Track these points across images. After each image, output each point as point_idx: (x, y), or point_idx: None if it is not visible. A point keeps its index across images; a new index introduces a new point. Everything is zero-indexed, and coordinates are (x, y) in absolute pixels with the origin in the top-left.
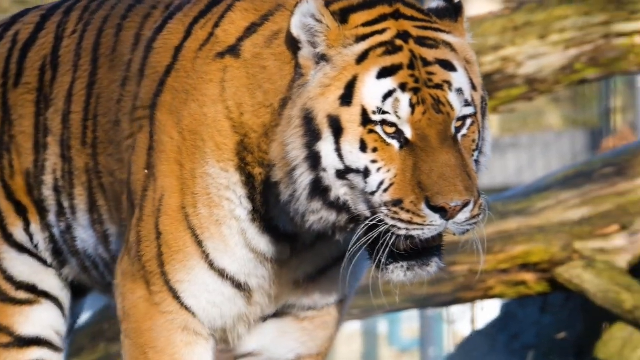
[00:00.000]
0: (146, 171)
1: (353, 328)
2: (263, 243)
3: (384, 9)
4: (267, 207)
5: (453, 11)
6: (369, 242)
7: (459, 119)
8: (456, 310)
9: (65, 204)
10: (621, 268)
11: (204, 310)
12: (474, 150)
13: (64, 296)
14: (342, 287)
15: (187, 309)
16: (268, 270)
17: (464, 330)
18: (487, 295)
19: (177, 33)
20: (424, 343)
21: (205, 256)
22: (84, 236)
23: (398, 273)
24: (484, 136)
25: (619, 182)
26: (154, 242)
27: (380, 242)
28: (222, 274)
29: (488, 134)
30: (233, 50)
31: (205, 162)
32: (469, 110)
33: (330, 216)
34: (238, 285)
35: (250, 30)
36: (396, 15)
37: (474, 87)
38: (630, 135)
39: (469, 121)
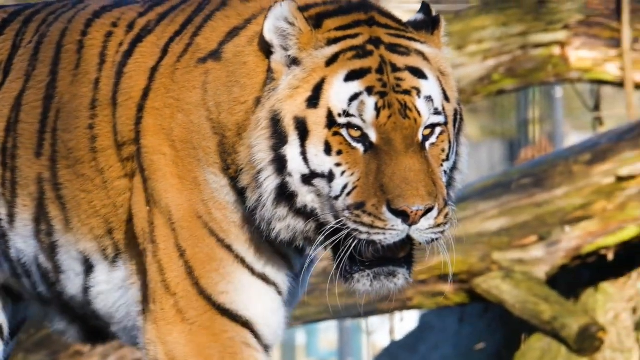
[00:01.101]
0: (148, 208)
1: None
2: (274, 242)
3: (359, 16)
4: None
5: (430, 24)
6: (333, 247)
7: (427, 127)
8: (375, 321)
9: (2, 211)
10: (539, 279)
11: (263, 318)
12: (443, 160)
13: None
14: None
15: (243, 323)
16: (291, 272)
17: (382, 341)
18: (405, 306)
19: (152, 55)
20: (343, 354)
21: (240, 259)
22: (21, 246)
23: (364, 282)
24: (458, 151)
25: (537, 192)
26: (178, 262)
27: (343, 247)
28: (263, 277)
29: (464, 150)
30: (215, 54)
31: (202, 168)
32: (438, 119)
33: (298, 224)
34: (278, 290)
35: (232, 34)
36: (370, 22)
37: (446, 98)
38: (547, 146)
39: (438, 130)
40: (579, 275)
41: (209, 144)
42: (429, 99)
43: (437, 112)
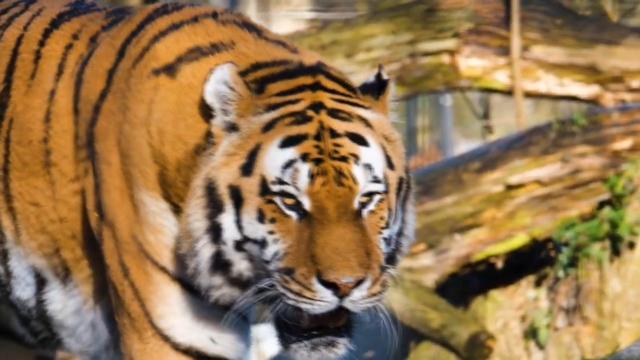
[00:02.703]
0: (96, 214)
1: None
2: None
3: (305, 80)
4: None
5: (377, 88)
6: (272, 314)
7: (365, 195)
8: (263, 329)
9: None
10: (428, 287)
11: (202, 341)
12: (382, 228)
13: None
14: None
15: (184, 350)
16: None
17: (270, 349)
18: None
19: (109, 57)
20: None
21: (177, 281)
22: None
23: (302, 352)
24: (404, 218)
25: (426, 201)
26: (125, 281)
27: (272, 308)
28: (200, 296)
29: (411, 217)
30: (169, 69)
31: (138, 188)
32: (377, 187)
33: (234, 292)
34: (224, 311)
35: (194, 53)
36: (315, 87)
37: (390, 165)
38: (436, 154)
39: (376, 198)
40: (469, 283)
41: (147, 170)
42: (368, 166)
43: (376, 180)
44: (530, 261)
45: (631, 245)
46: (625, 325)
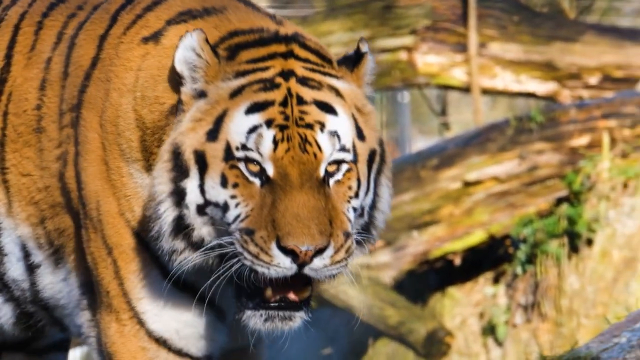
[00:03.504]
0: (75, 184)
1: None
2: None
3: (278, 48)
4: None
5: (353, 60)
6: (236, 277)
7: (332, 163)
8: None
9: None
10: (386, 284)
11: (177, 333)
12: (350, 198)
13: None
14: None
15: (157, 339)
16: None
17: None
18: None
19: (102, 22)
20: None
21: (154, 259)
22: None
23: (255, 321)
24: (377, 192)
25: None
26: (107, 259)
27: (224, 266)
28: (177, 281)
29: (386, 191)
30: (156, 36)
31: (126, 160)
32: (344, 156)
33: (197, 256)
34: (198, 295)
35: (184, 16)
36: (287, 55)
37: (360, 136)
38: (394, 151)
39: (344, 167)
40: (427, 280)
41: (131, 136)
42: (334, 134)
43: (343, 149)
44: (488, 258)
45: (589, 242)
46: (584, 322)
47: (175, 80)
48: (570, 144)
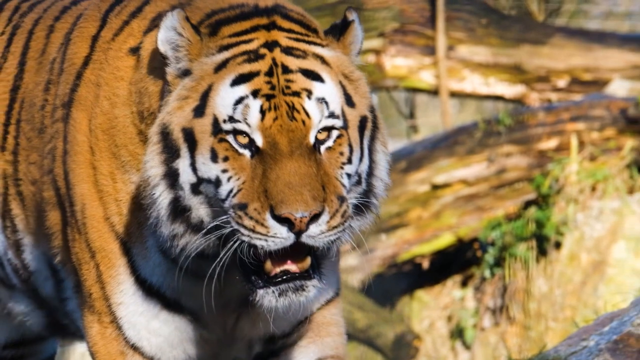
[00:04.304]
0: (65, 183)
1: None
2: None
3: (260, 21)
4: None
5: (339, 29)
6: (239, 259)
7: (322, 130)
8: None
9: None
10: (354, 287)
11: (148, 341)
12: (343, 164)
13: None
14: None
15: (132, 345)
16: (192, 285)
17: None
18: None
19: (94, 20)
20: None
21: (131, 265)
22: None
23: (269, 299)
24: (373, 158)
25: None
26: (90, 262)
27: (228, 246)
28: (148, 288)
29: (382, 157)
30: (138, 49)
31: (125, 169)
32: (334, 122)
33: (198, 240)
34: (169, 304)
35: (156, 21)
36: (270, 27)
37: (349, 103)
38: None
39: (334, 133)
40: (395, 283)
41: (137, 150)
42: (322, 100)
43: (332, 116)
44: (457, 261)
45: (557, 245)
46: (552, 325)
47: (159, 67)
48: (539, 146)
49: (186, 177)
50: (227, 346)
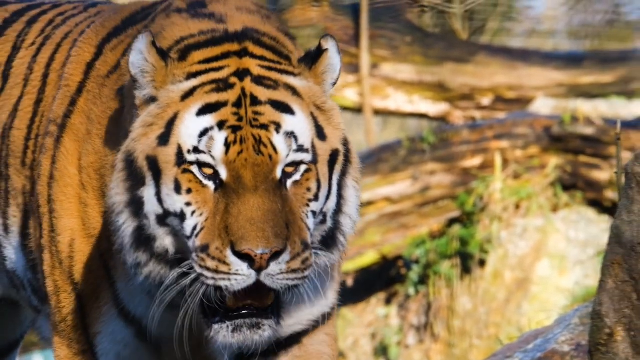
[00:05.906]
0: (47, 208)
1: None
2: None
3: (231, 47)
4: None
5: (312, 57)
6: (193, 294)
7: (290, 164)
8: None
9: None
10: None
11: None
12: (309, 200)
13: None
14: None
15: None
16: (168, 314)
17: None
18: None
19: (90, 48)
20: None
21: (115, 297)
22: (14, 257)
23: (223, 334)
24: (343, 194)
25: None
26: (72, 293)
27: (189, 291)
28: (131, 319)
29: (352, 193)
30: (121, 91)
31: None
32: (302, 157)
33: (162, 270)
34: (141, 332)
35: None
36: (242, 53)
37: (320, 135)
38: None
39: (302, 168)
40: None
41: None
42: (291, 134)
43: (301, 149)
44: (381, 279)
45: (481, 263)
46: (476, 342)
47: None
48: (463, 164)
49: (151, 207)
50: None
